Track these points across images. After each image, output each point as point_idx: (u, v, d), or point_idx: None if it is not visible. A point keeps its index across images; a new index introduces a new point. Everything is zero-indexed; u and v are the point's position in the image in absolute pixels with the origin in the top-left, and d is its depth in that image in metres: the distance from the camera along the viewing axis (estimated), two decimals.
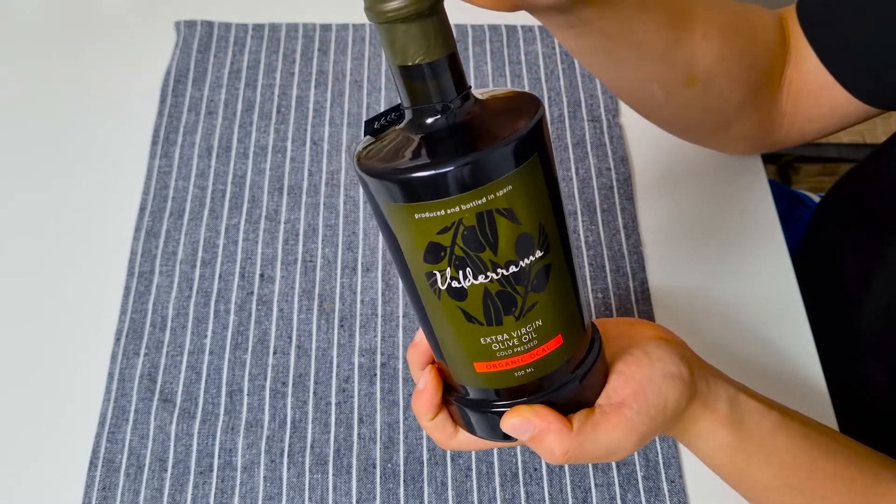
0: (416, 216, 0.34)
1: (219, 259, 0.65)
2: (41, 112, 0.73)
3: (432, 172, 0.33)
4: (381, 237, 0.66)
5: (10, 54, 0.76)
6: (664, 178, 0.69)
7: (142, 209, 0.67)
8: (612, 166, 0.69)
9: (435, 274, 0.36)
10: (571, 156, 0.70)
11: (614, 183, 0.68)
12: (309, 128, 0.71)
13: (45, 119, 0.72)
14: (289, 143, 0.71)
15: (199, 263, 0.65)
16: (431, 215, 0.34)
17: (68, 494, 0.56)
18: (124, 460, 0.57)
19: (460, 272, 0.36)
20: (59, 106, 0.73)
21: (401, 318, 0.62)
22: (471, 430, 0.43)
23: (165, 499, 0.56)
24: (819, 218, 0.76)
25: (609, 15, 0.46)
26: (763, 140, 0.64)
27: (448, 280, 0.36)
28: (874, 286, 0.62)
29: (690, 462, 0.57)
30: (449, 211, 0.34)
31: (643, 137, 0.70)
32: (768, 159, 1.20)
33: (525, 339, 0.38)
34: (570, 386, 0.40)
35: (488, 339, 0.38)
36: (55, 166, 0.70)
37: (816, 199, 0.86)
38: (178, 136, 0.71)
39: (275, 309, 0.63)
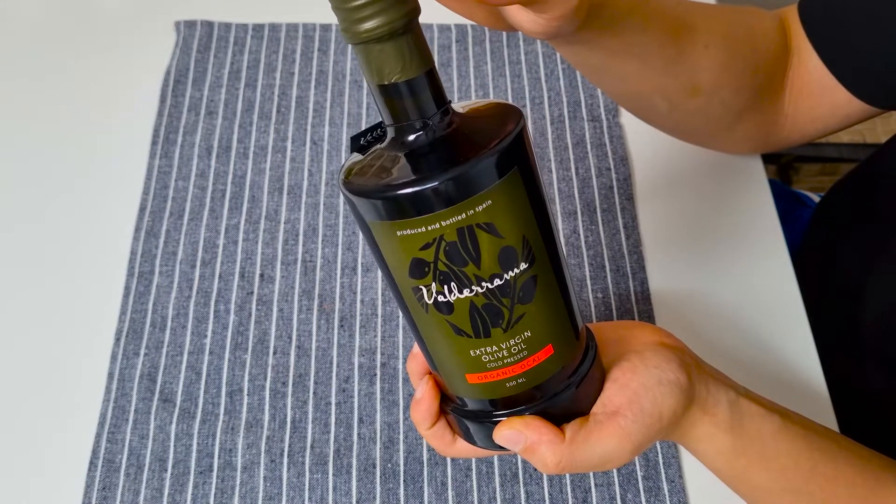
0: (399, 233, 0.35)
1: (219, 259, 0.65)
2: (41, 112, 0.73)
3: (409, 191, 0.33)
4: None
5: (10, 54, 0.76)
6: (664, 178, 0.69)
7: (142, 209, 0.67)
8: (612, 166, 0.69)
9: (421, 289, 0.36)
10: (571, 156, 0.70)
11: (614, 183, 0.68)
12: (309, 128, 0.71)
13: (45, 119, 0.72)
14: (289, 143, 0.71)
15: (199, 263, 0.65)
16: (413, 232, 0.34)
17: (68, 494, 0.56)
18: (124, 460, 0.57)
19: (445, 287, 0.36)
20: (59, 106, 0.73)
21: (401, 318, 0.62)
22: (468, 439, 0.43)
23: (165, 499, 0.56)
24: (819, 218, 0.76)
25: (610, 34, 0.46)
26: (765, 141, 0.64)
27: (434, 294, 0.36)
28: (874, 286, 0.62)
29: (690, 462, 0.57)
30: (429, 228, 0.34)
31: (643, 137, 0.70)
32: (768, 159, 1.20)
33: (514, 350, 0.38)
34: (565, 394, 0.40)
35: (478, 352, 0.38)
36: (56, 166, 0.70)
37: (816, 199, 0.86)
38: (178, 136, 0.71)
39: (275, 309, 0.63)
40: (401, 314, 0.63)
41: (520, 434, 0.40)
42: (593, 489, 0.56)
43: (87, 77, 0.74)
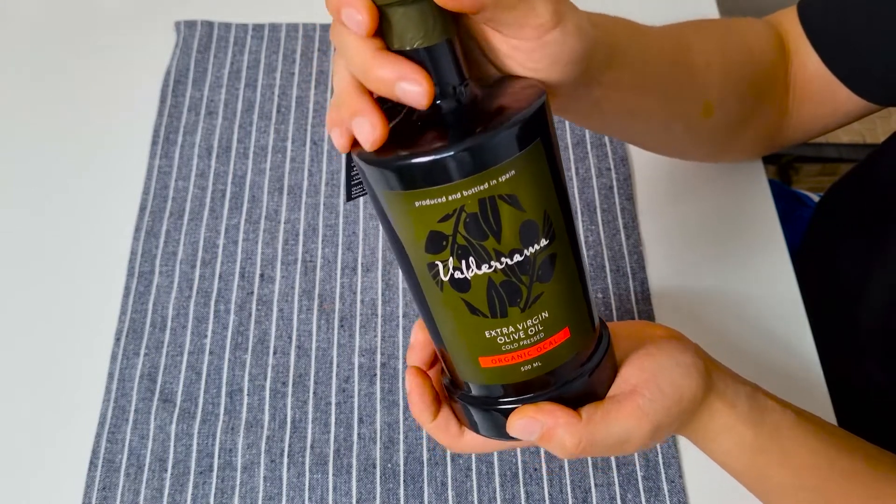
0: (417, 204, 0.34)
1: (219, 259, 0.65)
2: (41, 112, 0.73)
3: (432, 158, 0.32)
4: (381, 237, 0.66)
5: (10, 54, 0.76)
6: (664, 177, 0.69)
7: (142, 209, 0.67)
8: (612, 166, 0.69)
9: (437, 265, 0.35)
10: (571, 156, 0.70)
11: (614, 183, 0.68)
12: (309, 128, 0.71)
13: (45, 119, 0.72)
14: (289, 143, 0.71)
15: (199, 263, 0.65)
16: (432, 202, 0.33)
17: (68, 494, 0.56)
18: (124, 460, 0.57)
19: (463, 262, 0.35)
20: (60, 106, 0.73)
21: (401, 318, 0.62)
22: (475, 429, 0.42)
23: (165, 499, 0.56)
24: (819, 217, 0.76)
25: (619, 67, 0.45)
26: (770, 144, 0.64)
27: (451, 271, 0.35)
28: (874, 286, 0.62)
29: (690, 462, 0.57)
30: (450, 198, 0.33)
31: None
32: (768, 159, 1.20)
33: (531, 331, 0.37)
34: (578, 382, 0.39)
35: (493, 333, 0.37)
36: (55, 166, 0.70)
37: (816, 198, 0.86)
38: (178, 136, 0.71)
39: (275, 309, 0.63)
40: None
41: (534, 421, 0.38)
42: (593, 489, 0.56)
43: (87, 77, 0.74)
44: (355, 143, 0.35)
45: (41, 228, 0.67)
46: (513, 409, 0.39)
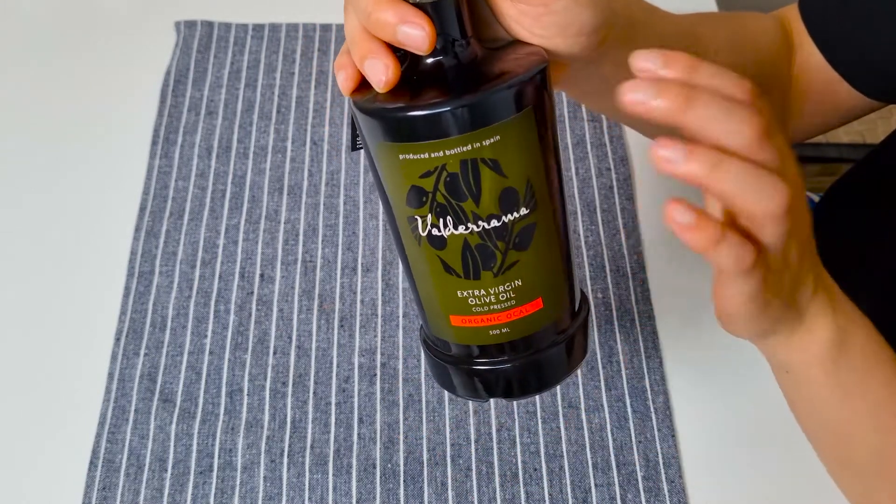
0: (401, 157, 0.34)
1: (219, 259, 0.65)
2: (41, 112, 0.73)
3: (418, 113, 0.33)
4: (381, 237, 0.66)
5: (10, 54, 0.76)
6: (664, 178, 0.69)
7: (142, 209, 0.67)
8: (612, 166, 0.69)
9: (416, 219, 0.36)
10: (571, 156, 0.70)
11: (614, 183, 0.68)
12: (309, 128, 0.71)
13: (45, 119, 0.72)
14: (289, 143, 0.71)
15: (199, 263, 0.65)
16: (415, 157, 0.34)
17: (68, 494, 0.56)
18: (124, 460, 0.57)
19: (441, 220, 0.35)
20: (60, 106, 0.73)
21: (401, 318, 0.62)
22: (447, 386, 0.42)
23: (165, 499, 0.56)
24: (818, 217, 0.76)
25: (641, 47, 0.45)
26: None
27: (428, 227, 0.36)
28: (874, 286, 0.62)
29: (690, 462, 0.57)
30: (433, 155, 0.34)
31: (643, 137, 0.70)
32: None
33: (502, 297, 0.37)
34: (548, 352, 0.39)
35: (465, 293, 0.37)
36: (55, 166, 0.70)
37: (816, 199, 0.86)
38: (178, 136, 0.71)
39: (275, 309, 0.63)
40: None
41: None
42: (593, 489, 0.56)
43: (87, 77, 0.74)
44: (357, 90, 0.35)
45: (41, 228, 0.67)
46: (483, 370, 0.39)
